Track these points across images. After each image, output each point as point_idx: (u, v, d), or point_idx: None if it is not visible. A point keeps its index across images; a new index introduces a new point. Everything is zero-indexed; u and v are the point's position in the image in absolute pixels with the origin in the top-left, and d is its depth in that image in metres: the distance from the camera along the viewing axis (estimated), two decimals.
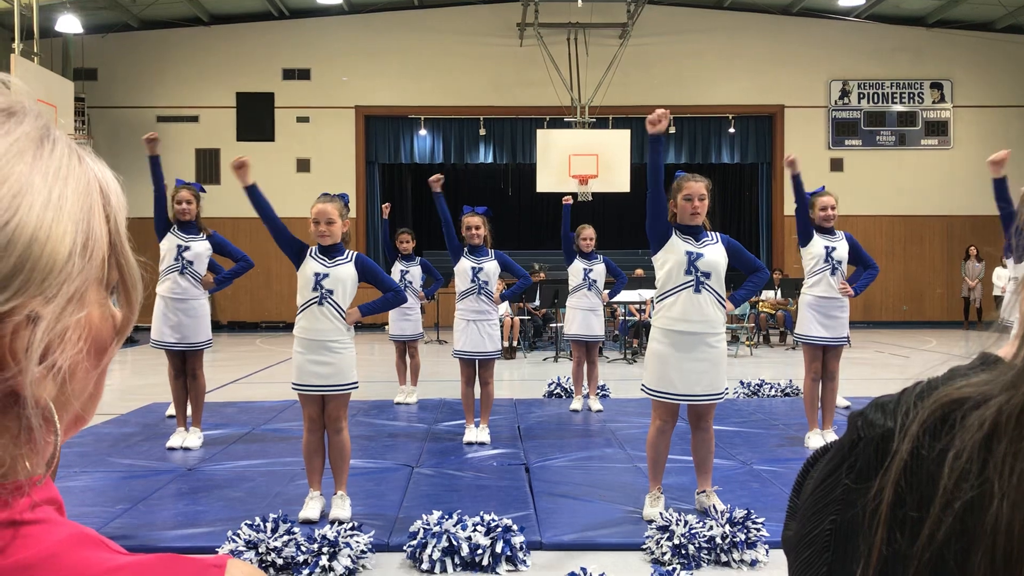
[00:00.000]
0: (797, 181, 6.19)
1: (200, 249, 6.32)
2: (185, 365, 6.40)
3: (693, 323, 4.44)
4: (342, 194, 4.77)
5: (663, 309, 4.51)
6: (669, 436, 4.65)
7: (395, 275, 8.32)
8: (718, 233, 4.63)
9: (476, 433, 6.55)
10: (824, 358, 6.30)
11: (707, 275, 4.45)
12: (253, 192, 4.51)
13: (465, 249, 6.52)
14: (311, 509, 4.55)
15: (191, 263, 6.29)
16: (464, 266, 6.46)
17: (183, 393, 6.43)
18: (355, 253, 4.65)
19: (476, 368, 6.60)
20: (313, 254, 4.56)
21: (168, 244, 6.28)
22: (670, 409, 4.56)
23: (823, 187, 6.58)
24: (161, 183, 6.26)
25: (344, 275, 4.52)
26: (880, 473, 0.53)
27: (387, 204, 8.78)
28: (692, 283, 4.44)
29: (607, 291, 8.50)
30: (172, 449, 6.27)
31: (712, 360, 4.49)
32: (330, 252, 4.55)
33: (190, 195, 6.33)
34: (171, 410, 7.27)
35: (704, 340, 4.47)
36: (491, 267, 6.49)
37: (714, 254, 4.49)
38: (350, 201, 4.89)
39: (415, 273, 8.40)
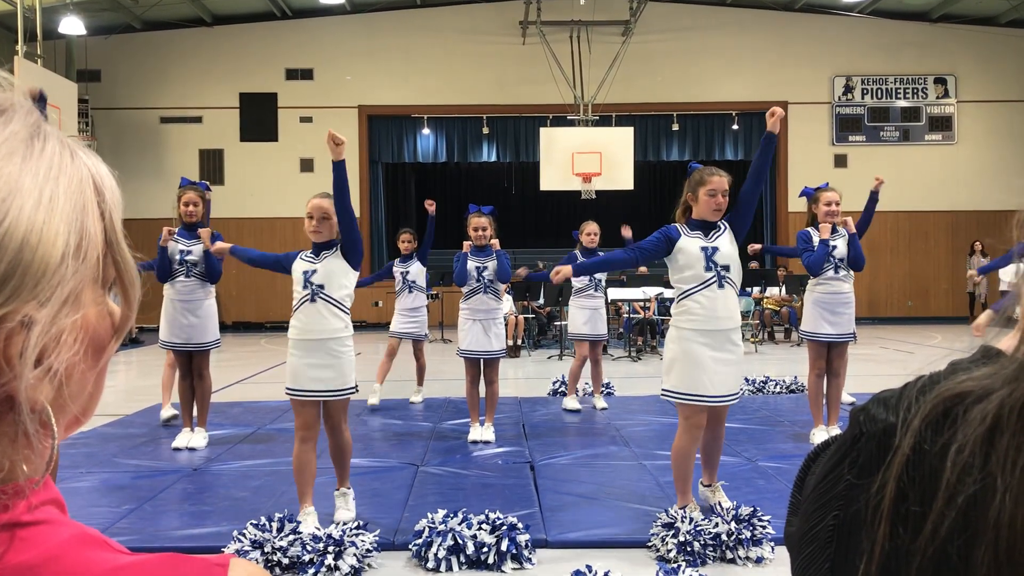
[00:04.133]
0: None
1: (202, 250, 6.32)
2: (192, 365, 6.41)
3: (722, 319, 4.28)
4: None
5: (687, 309, 4.29)
6: (699, 444, 4.45)
7: (396, 276, 8.23)
8: (723, 222, 4.44)
9: (481, 432, 6.54)
10: (829, 355, 6.29)
11: (726, 268, 4.29)
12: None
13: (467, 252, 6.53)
14: (309, 524, 4.27)
15: (195, 265, 6.30)
16: (469, 267, 6.46)
17: (189, 393, 6.44)
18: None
19: (481, 367, 6.60)
20: (304, 256, 4.46)
21: (170, 250, 6.29)
22: (703, 413, 4.33)
23: (826, 183, 6.55)
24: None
25: (333, 267, 4.39)
26: (882, 468, 0.52)
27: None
28: (715, 279, 4.26)
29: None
30: (178, 449, 6.28)
31: (737, 357, 4.35)
32: (319, 249, 4.45)
33: (196, 197, 6.33)
34: (164, 413, 7.28)
35: (729, 337, 4.32)
36: (495, 265, 6.49)
37: (726, 245, 4.33)
38: (353, 201, 4.85)
39: (415, 271, 8.19)
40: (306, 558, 3.80)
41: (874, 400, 0.57)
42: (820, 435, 6.26)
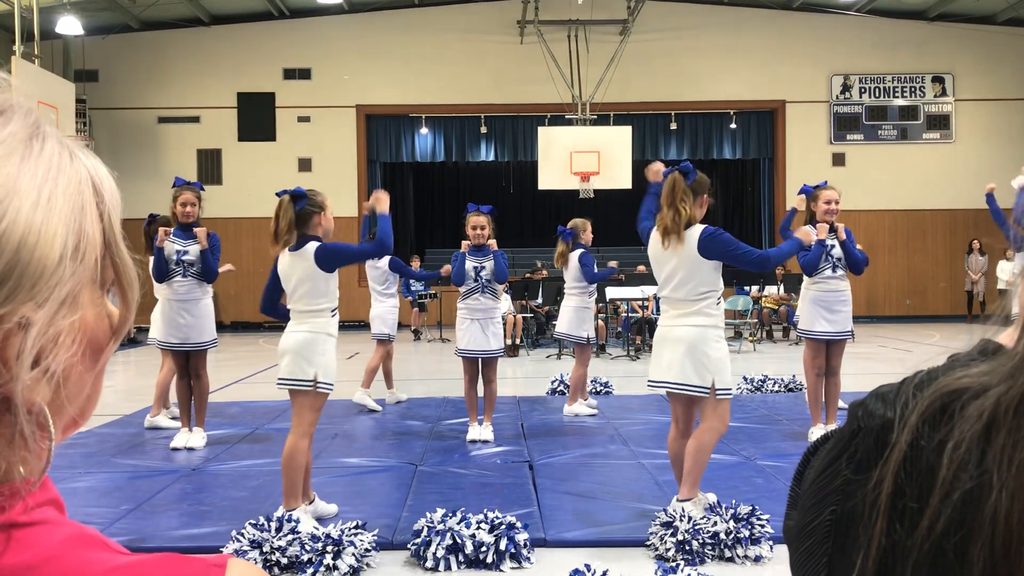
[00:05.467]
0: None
1: (199, 250, 6.32)
2: (189, 365, 6.40)
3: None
4: None
5: (722, 307, 4.44)
6: None
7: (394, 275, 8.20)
8: None
9: (479, 431, 6.54)
10: (827, 353, 6.29)
11: None
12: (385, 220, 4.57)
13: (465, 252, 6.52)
14: (307, 523, 4.18)
15: (191, 265, 6.30)
16: (466, 266, 6.46)
17: (187, 393, 6.44)
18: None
19: (479, 366, 6.60)
20: None
21: (167, 250, 6.29)
22: None
23: (825, 182, 6.54)
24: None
25: None
26: (880, 463, 0.53)
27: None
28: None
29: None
30: (176, 449, 6.28)
31: None
32: None
33: (193, 197, 6.34)
34: (149, 420, 7.07)
35: None
36: (492, 265, 6.49)
37: None
38: (352, 201, 4.92)
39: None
40: (305, 557, 3.80)
41: (872, 395, 0.58)
42: (818, 433, 6.25)
